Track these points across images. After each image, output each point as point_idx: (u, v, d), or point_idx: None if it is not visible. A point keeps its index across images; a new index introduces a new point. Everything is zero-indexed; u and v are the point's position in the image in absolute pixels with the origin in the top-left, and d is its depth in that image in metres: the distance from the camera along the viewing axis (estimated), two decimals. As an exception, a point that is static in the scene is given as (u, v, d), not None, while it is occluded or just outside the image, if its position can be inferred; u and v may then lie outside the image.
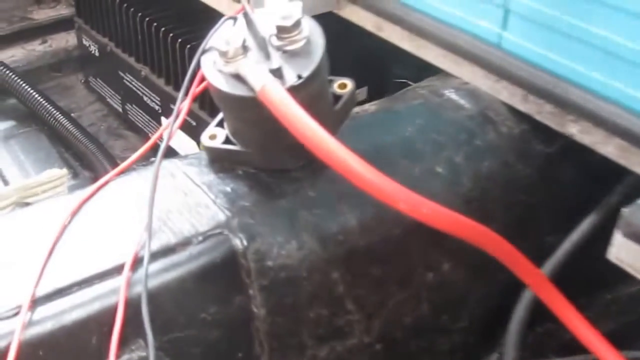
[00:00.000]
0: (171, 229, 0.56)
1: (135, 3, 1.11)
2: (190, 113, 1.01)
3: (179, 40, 1.01)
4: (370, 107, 0.72)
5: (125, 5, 1.11)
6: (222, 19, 0.58)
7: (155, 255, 0.53)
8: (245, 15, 0.57)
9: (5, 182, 1.09)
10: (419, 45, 0.70)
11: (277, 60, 0.55)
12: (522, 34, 0.59)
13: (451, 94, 0.72)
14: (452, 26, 0.64)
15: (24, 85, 1.22)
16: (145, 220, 0.54)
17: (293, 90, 0.52)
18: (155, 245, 0.54)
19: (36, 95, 1.21)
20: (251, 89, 0.53)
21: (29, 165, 1.13)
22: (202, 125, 0.98)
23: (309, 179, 0.61)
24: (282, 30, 0.55)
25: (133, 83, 1.14)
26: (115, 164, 1.08)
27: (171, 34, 1.02)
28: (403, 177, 0.52)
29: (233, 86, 0.55)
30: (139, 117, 1.17)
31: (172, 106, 1.02)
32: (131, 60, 1.14)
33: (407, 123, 0.68)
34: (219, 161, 0.62)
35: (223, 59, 0.55)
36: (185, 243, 0.55)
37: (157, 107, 1.09)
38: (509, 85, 0.61)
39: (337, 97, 0.61)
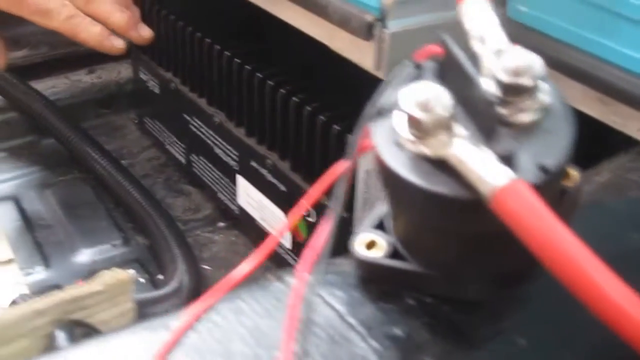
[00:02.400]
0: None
1: (213, 34, 0.90)
2: (276, 172, 0.80)
3: (268, 82, 0.80)
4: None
5: (198, 34, 0.91)
6: (404, 65, 0.38)
7: None
8: (449, 61, 0.36)
9: (43, 254, 0.88)
10: (612, 112, 0.57)
11: (507, 141, 0.34)
12: None
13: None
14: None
15: (64, 122, 1.05)
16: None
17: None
18: None
19: (79, 136, 1.03)
20: (466, 187, 0.33)
21: (68, 223, 0.93)
22: (293, 190, 0.78)
23: (513, 314, 0.40)
24: (512, 92, 0.35)
25: (202, 130, 0.93)
26: (175, 229, 0.89)
27: (258, 74, 0.81)
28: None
29: (433, 179, 0.34)
30: (206, 172, 0.96)
31: (252, 163, 0.82)
32: (202, 103, 0.93)
33: (632, 229, 0.48)
34: (378, 282, 0.40)
35: (413, 132, 0.34)
36: None
37: (232, 163, 0.88)
38: None
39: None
